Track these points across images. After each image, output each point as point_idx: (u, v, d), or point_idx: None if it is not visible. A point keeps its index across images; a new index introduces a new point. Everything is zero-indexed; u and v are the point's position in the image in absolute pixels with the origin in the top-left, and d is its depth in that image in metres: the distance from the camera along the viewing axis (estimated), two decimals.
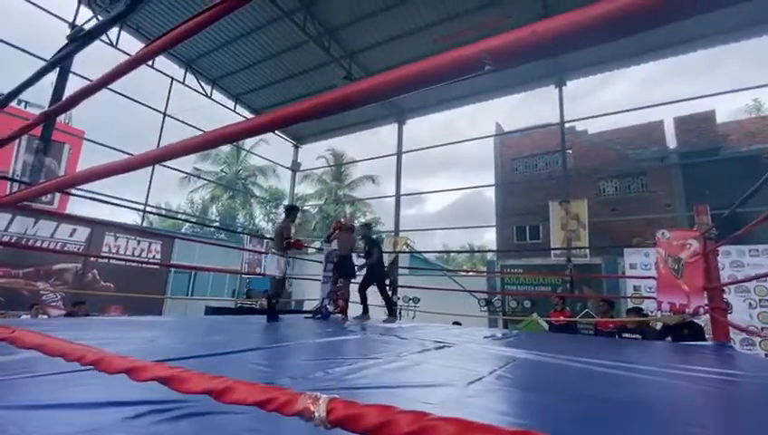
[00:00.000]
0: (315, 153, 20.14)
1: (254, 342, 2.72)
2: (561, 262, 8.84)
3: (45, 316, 5.69)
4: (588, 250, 8.44)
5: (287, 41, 8.80)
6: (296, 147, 13.71)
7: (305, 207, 21.23)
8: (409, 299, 10.13)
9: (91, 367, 0.72)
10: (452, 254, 31.91)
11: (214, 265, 8.26)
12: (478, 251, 27.21)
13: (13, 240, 6.18)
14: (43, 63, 1.61)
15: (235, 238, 15.22)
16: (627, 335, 4.87)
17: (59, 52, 1.72)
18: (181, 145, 0.89)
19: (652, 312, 5.33)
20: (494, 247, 15.34)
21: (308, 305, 9.92)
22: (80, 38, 1.46)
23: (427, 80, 0.52)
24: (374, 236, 6.13)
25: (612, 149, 12.55)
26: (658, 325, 4.80)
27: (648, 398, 1.61)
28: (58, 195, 8.15)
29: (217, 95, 10.71)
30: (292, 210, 4.93)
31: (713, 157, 10.51)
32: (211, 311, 6.59)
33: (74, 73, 7.07)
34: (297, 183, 14.71)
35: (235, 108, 11.17)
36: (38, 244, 6.48)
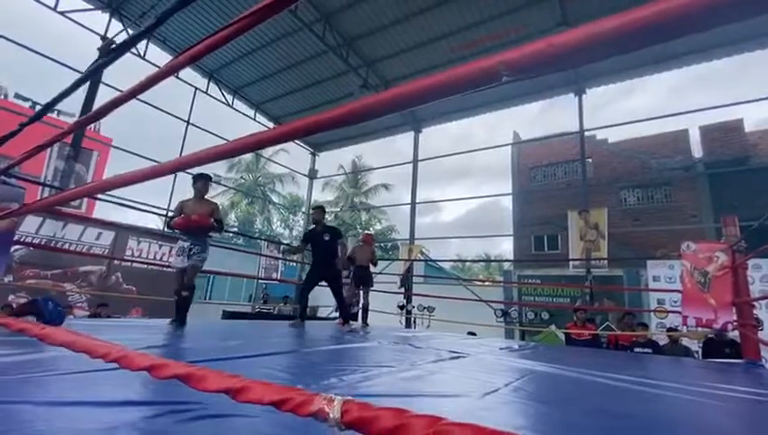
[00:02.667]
0: (333, 161, 20.37)
1: (268, 347, 2.74)
2: (581, 273, 8.63)
3: (71, 317, 5.89)
4: (608, 261, 8.23)
5: (306, 51, 8.99)
6: (314, 154, 13.90)
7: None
8: (424, 308, 10.05)
9: (114, 367, 0.74)
10: (467, 263, 31.56)
11: (231, 270, 8.38)
12: (494, 260, 26.83)
13: (42, 242, 6.45)
14: (78, 75, 1.69)
15: (251, 244, 15.46)
16: (638, 350, 4.74)
17: (93, 64, 1.80)
18: (206, 153, 0.92)
19: (677, 327, 5.14)
20: (511, 257, 15.11)
21: (322, 312, 9.96)
22: (111, 51, 1.53)
23: (445, 91, 0.53)
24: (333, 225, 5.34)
25: (635, 158, 12.26)
26: (684, 341, 4.63)
27: (671, 416, 1.56)
28: (86, 199, 8.47)
29: (238, 104, 10.98)
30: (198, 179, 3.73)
31: (741, 167, 10.14)
32: (228, 315, 6.68)
33: (104, 84, 7.38)
34: (315, 190, 14.89)
35: (255, 116, 11.43)
36: (66, 246, 6.73)
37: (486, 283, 18.71)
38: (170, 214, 3.71)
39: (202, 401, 1.10)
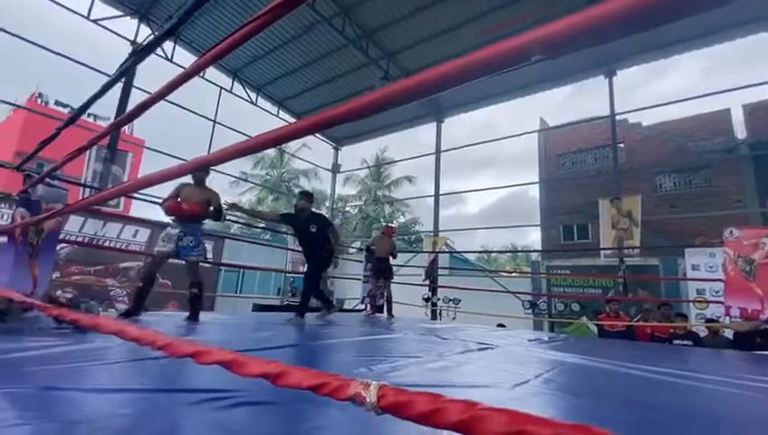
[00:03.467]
0: (355, 155, 20.44)
1: (298, 338, 2.81)
2: (613, 263, 8.33)
3: (113, 310, 6.23)
4: (642, 250, 7.91)
5: (326, 45, 9.01)
6: (336, 149, 13.99)
7: (347, 208, 21.61)
8: (449, 300, 10.01)
9: (157, 356, 0.78)
10: (494, 255, 31.08)
11: (260, 264, 8.63)
12: (521, 251, 26.31)
13: (85, 241, 6.83)
14: (108, 78, 1.76)
15: (278, 238, 15.80)
16: (677, 342, 4.55)
17: (122, 65, 1.88)
18: (233, 149, 0.95)
19: (719, 317, 4.90)
20: (539, 248, 14.77)
21: (349, 304, 10.09)
22: (138, 52, 1.59)
23: (473, 73, 0.52)
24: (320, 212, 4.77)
25: (671, 141, 11.65)
26: (726, 332, 4.41)
27: (710, 408, 1.50)
28: (123, 199, 8.88)
29: (262, 102, 11.17)
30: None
31: None
32: (258, 308, 6.88)
33: (136, 87, 7.67)
34: (338, 184, 15.01)
35: (278, 113, 11.60)
36: (106, 244, 7.11)
37: (513, 274, 18.40)
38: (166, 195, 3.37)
39: (239, 390, 1.15)
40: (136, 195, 6.50)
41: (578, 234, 12.55)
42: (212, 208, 3.38)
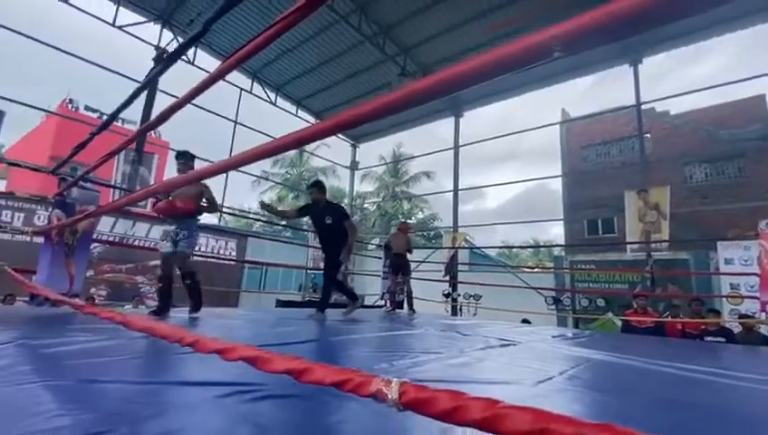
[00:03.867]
0: (373, 151, 20.45)
1: (319, 334, 2.85)
2: (641, 257, 8.07)
3: (143, 307, 6.49)
4: (671, 244, 7.62)
5: (343, 43, 9.04)
6: (354, 146, 14.05)
7: (365, 205, 21.68)
8: (470, 296, 9.92)
9: (185, 352, 0.82)
10: (515, 250, 30.57)
11: (282, 261, 8.79)
12: (543, 246, 25.79)
13: (116, 240, 7.13)
14: (137, 83, 1.83)
15: (299, 236, 16.04)
16: (710, 339, 4.38)
17: (149, 73, 1.94)
18: (259, 150, 0.97)
19: (754, 313, 4.69)
20: (562, 242, 14.44)
21: (369, 301, 10.17)
22: (165, 60, 1.64)
23: (493, 71, 0.52)
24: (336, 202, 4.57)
25: (701, 130, 11.15)
26: (761, 329, 4.22)
27: (749, 408, 1.44)
28: (150, 199, 9.21)
29: (281, 102, 11.32)
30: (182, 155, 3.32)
31: None
32: (281, 304, 7.03)
33: (161, 91, 7.91)
34: (356, 182, 15.10)
35: (297, 112, 11.74)
36: (135, 243, 7.39)
37: (536, 269, 18.08)
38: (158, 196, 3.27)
39: (264, 383, 1.18)
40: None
41: (603, 228, 12.21)
42: (205, 202, 3.30)
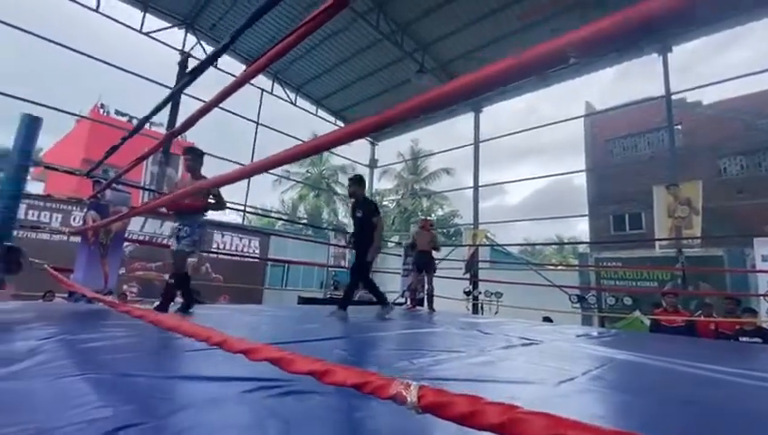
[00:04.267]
0: (391, 149, 20.44)
1: (341, 331, 2.90)
2: (671, 254, 7.77)
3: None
4: (703, 240, 7.30)
5: (362, 42, 9.06)
6: (373, 144, 14.09)
7: (384, 202, 21.72)
8: (491, 294, 9.81)
9: (214, 349, 0.86)
10: (538, 247, 29.98)
11: (303, 258, 8.94)
12: (567, 243, 25.17)
13: (146, 239, 7.42)
14: (158, 86, 1.90)
15: (320, 234, 16.24)
16: (745, 339, 4.18)
17: (181, 81, 2.01)
18: (291, 152, 0.98)
19: None
20: (587, 239, 14.06)
21: (389, 298, 10.21)
22: (194, 70, 1.69)
23: (511, 77, 0.53)
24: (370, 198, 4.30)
25: (736, 120, 10.60)
26: None
27: None
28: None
29: (301, 102, 11.46)
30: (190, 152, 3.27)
31: None
32: (303, 301, 7.17)
33: (186, 95, 8.13)
34: (375, 179, 15.14)
35: (316, 112, 11.86)
36: (165, 241, 7.67)
37: (559, 267, 17.68)
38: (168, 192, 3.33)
39: (287, 379, 1.22)
40: None
41: (630, 224, 11.82)
42: (212, 198, 3.22)
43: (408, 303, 6.01)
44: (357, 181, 4.15)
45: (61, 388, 1.11)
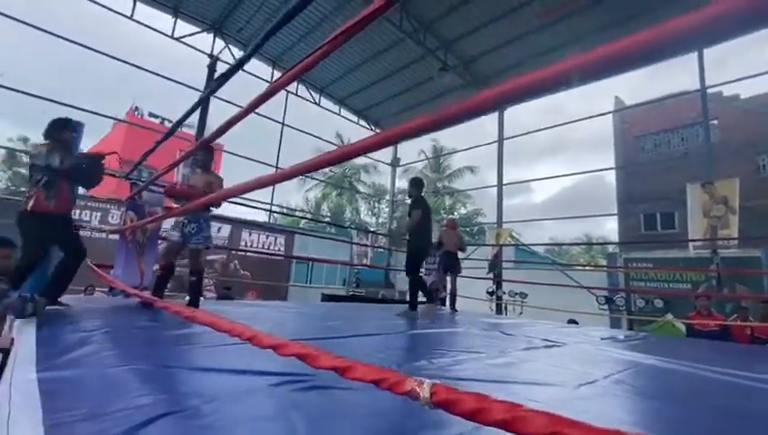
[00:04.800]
0: (413, 147, 20.39)
1: (364, 328, 2.96)
2: (705, 255, 7.44)
3: (202, 298, 7.01)
4: (740, 241, 6.94)
5: (384, 41, 9.09)
6: (395, 143, 14.10)
7: (406, 201, 21.71)
8: (515, 294, 9.68)
9: (243, 344, 0.93)
10: (565, 247, 29.21)
11: (327, 256, 9.10)
12: (594, 243, 24.39)
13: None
14: (187, 89, 2.01)
15: (343, 232, 16.44)
16: None
17: (212, 84, 2.11)
18: (324, 158, 1.03)
19: None
20: (616, 239, 13.60)
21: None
22: (225, 74, 1.78)
23: (537, 90, 0.56)
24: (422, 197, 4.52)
25: None
26: None
27: None
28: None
29: (324, 102, 11.62)
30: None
31: None
32: (327, 298, 7.30)
33: (216, 97, 8.42)
34: (397, 178, 15.16)
35: (340, 111, 12.00)
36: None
37: (586, 267, 17.19)
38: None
39: (312, 374, 1.29)
40: None
41: (662, 223, 11.37)
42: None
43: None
44: (412, 183, 4.51)
45: (108, 377, 1.21)
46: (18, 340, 1.77)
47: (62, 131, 2.75)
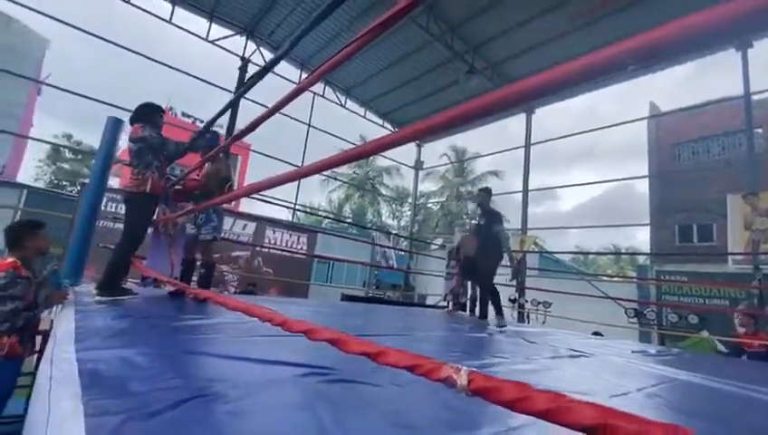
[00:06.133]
0: (436, 150, 20.25)
1: (386, 328, 2.95)
2: (746, 270, 7.03)
3: (227, 293, 7.19)
4: None
5: (411, 44, 9.11)
6: (419, 146, 14.07)
7: (428, 204, 21.61)
8: (539, 302, 9.43)
9: (272, 334, 0.94)
10: (591, 257, 28.30)
11: (348, 257, 9.14)
12: (623, 253, 23.50)
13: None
14: (217, 88, 2.05)
15: (364, 233, 16.51)
16: None
17: (243, 85, 2.17)
18: (345, 155, 1.05)
19: None
20: (647, 250, 13.05)
21: (430, 300, 10.15)
22: (256, 75, 1.83)
23: (565, 83, 0.54)
24: (494, 208, 4.62)
25: None
26: None
27: None
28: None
29: (350, 104, 11.74)
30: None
31: None
32: (346, 298, 7.33)
33: (246, 98, 8.66)
34: (420, 181, 15.11)
35: (365, 114, 12.08)
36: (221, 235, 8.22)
37: (615, 278, 16.57)
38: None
39: (337, 368, 1.29)
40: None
41: (698, 235, 10.82)
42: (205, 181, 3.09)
43: (450, 306, 5.94)
44: (481, 191, 4.76)
45: (140, 359, 1.25)
46: (58, 323, 1.86)
47: (158, 116, 2.85)
